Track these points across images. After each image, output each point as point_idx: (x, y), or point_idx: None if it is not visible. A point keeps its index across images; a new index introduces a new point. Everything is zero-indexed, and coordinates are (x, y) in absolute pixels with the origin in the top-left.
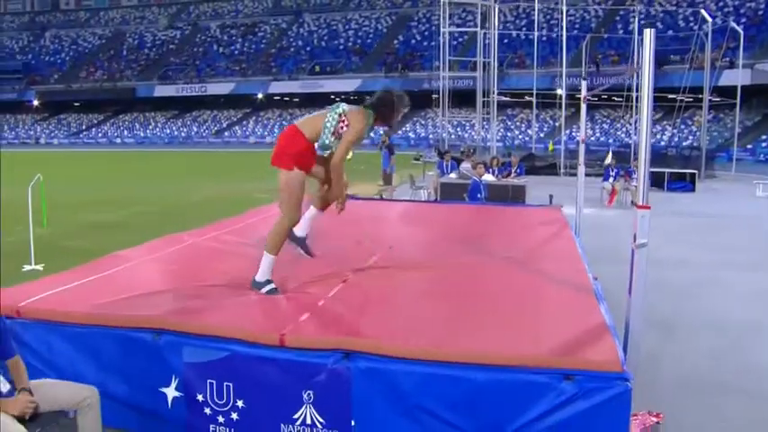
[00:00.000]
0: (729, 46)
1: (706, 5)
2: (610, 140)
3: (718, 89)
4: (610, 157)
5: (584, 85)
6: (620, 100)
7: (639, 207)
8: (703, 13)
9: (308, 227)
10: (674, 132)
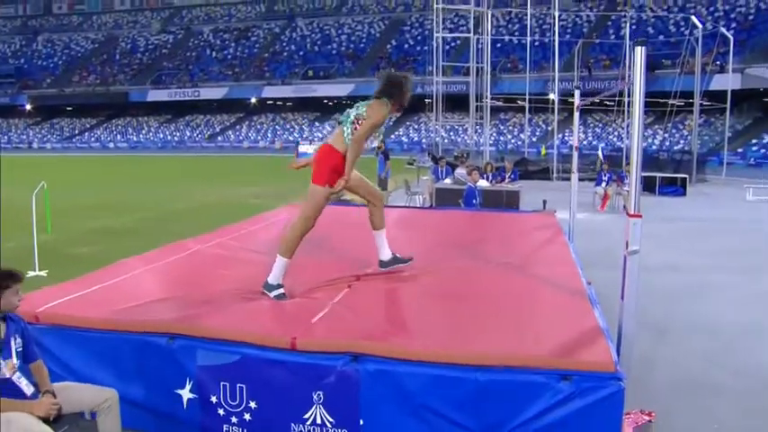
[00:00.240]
0: (720, 51)
1: (697, 11)
2: (602, 144)
3: (708, 93)
4: (601, 155)
5: (576, 93)
6: (613, 105)
7: (631, 216)
8: (693, 19)
9: (386, 245)
10: (666, 136)
